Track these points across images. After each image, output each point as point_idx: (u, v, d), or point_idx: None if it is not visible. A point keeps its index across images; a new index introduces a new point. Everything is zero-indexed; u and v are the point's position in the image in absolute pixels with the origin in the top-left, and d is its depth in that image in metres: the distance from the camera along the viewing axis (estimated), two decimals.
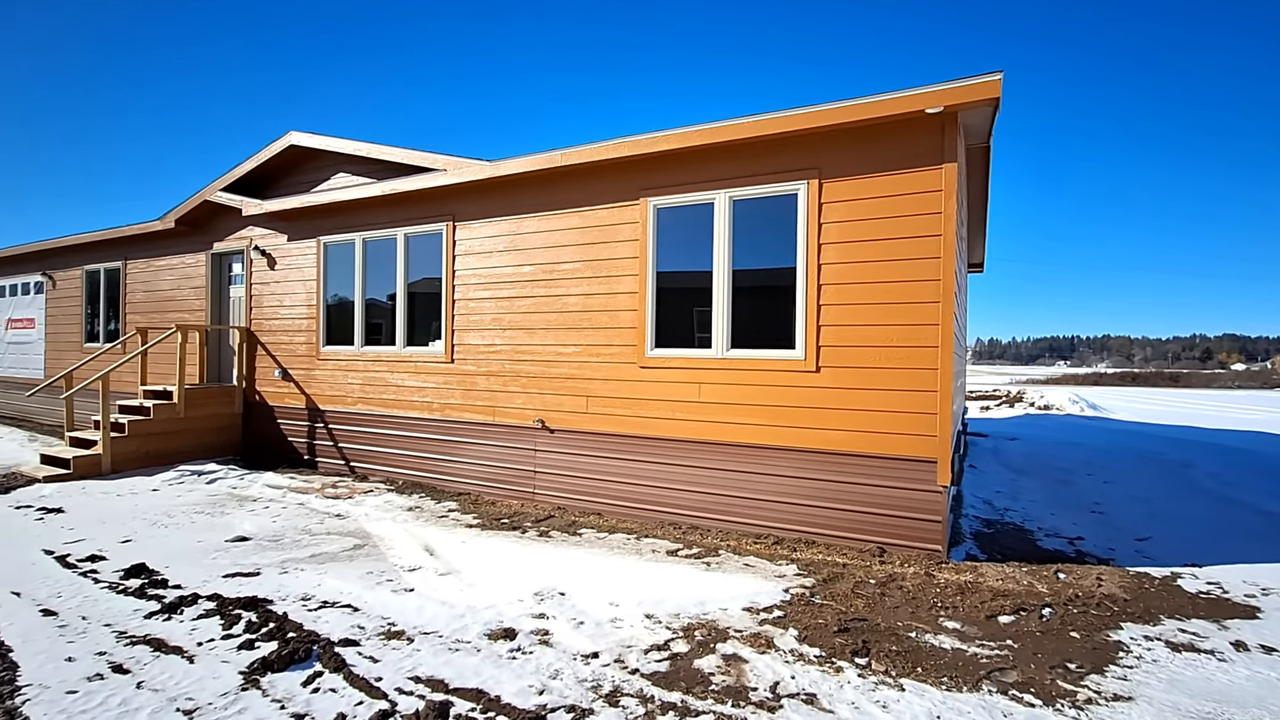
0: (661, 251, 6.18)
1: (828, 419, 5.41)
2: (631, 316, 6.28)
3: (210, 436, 8.96)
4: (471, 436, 7.28)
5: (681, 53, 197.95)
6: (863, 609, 4.17)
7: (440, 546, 5.29)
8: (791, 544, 5.40)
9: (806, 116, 5.33)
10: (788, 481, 5.58)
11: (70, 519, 6.08)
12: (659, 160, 6.11)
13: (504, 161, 6.72)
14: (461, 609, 3.98)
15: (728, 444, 5.82)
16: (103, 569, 4.72)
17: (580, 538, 5.62)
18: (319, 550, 5.18)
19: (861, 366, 5.29)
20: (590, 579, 4.51)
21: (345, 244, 8.32)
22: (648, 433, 6.19)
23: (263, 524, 5.93)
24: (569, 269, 6.65)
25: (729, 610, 4.08)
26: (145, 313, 10.67)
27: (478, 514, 6.39)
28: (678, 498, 6.04)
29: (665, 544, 5.45)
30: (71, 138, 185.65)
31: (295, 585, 4.40)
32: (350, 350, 8.27)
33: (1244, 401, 25.41)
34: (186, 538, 5.51)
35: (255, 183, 9.21)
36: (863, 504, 5.30)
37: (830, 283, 5.41)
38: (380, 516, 6.22)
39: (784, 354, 5.59)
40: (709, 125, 5.69)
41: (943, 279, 5.00)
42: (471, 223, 7.30)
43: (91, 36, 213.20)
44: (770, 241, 5.76)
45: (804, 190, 5.52)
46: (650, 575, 4.63)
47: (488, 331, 7.18)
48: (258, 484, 7.54)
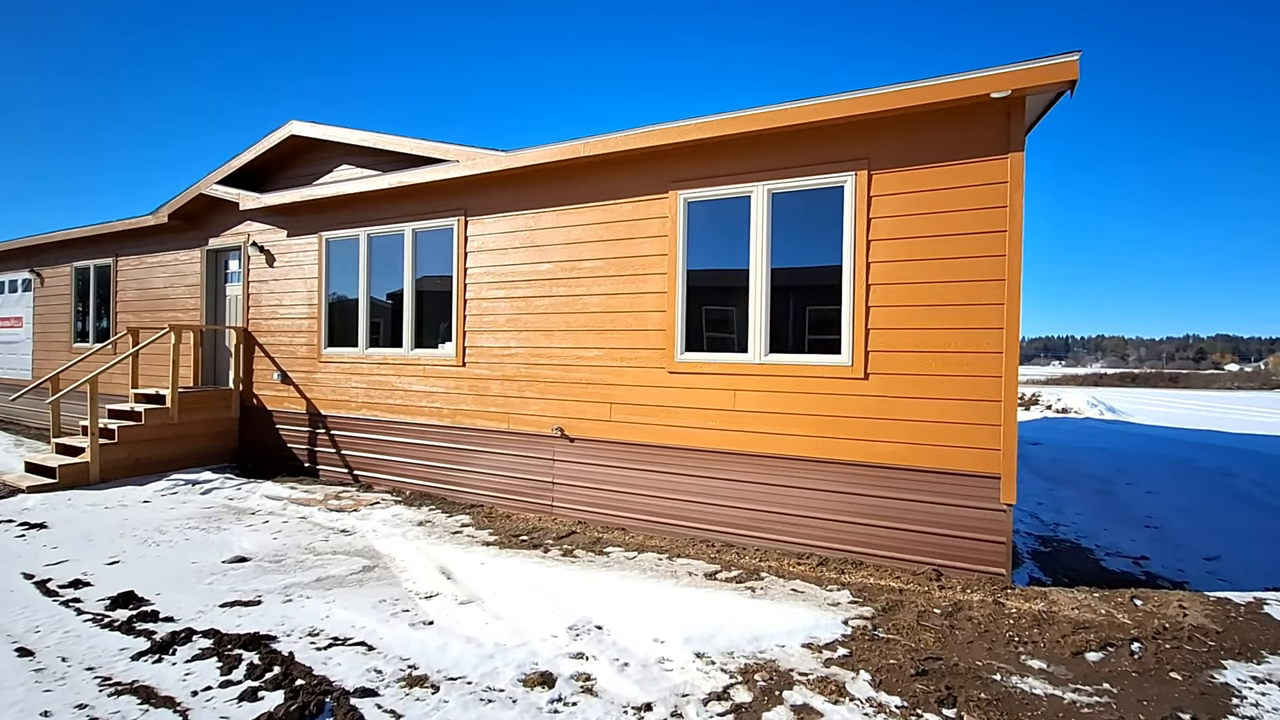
0: (693, 248, 5.75)
1: (877, 430, 5.00)
2: (659, 318, 5.85)
3: (205, 442, 8.49)
4: (484, 445, 6.84)
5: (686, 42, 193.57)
6: (934, 645, 3.75)
7: (457, 569, 4.86)
8: (838, 565, 4.98)
9: (855, 102, 4.91)
10: (832, 497, 5.16)
11: (54, 536, 5.62)
12: (691, 150, 5.68)
13: (521, 152, 6.28)
14: (490, 647, 3.55)
15: (766, 456, 5.40)
16: (87, 597, 4.26)
17: (608, 557, 5.19)
18: (325, 573, 4.74)
19: (915, 374, 4.88)
20: (627, 609, 4.08)
21: (349, 240, 7.87)
22: (677, 443, 5.76)
23: (263, 541, 5.48)
24: (591, 267, 6.22)
25: (787, 647, 3.66)
26: (137, 311, 10.19)
27: (494, 529, 5.95)
28: (710, 513, 5.61)
29: (701, 564, 5.03)
30: (58, 126, 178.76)
31: (301, 616, 3.96)
32: (354, 352, 7.82)
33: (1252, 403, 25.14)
34: (180, 558, 5.06)
35: (253, 176, 8.75)
36: (916, 522, 4.88)
37: (881, 283, 4.99)
38: (389, 533, 5.78)
39: (828, 360, 5.17)
40: (746, 112, 5.26)
41: (1008, 279, 4.59)
42: (485, 217, 6.86)
43: (87, 17, 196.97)
44: (813, 238, 5.34)
45: (851, 182, 5.09)
46: (692, 603, 4.21)
47: (502, 333, 6.74)
48: (256, 495, 7.09)
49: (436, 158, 6.90)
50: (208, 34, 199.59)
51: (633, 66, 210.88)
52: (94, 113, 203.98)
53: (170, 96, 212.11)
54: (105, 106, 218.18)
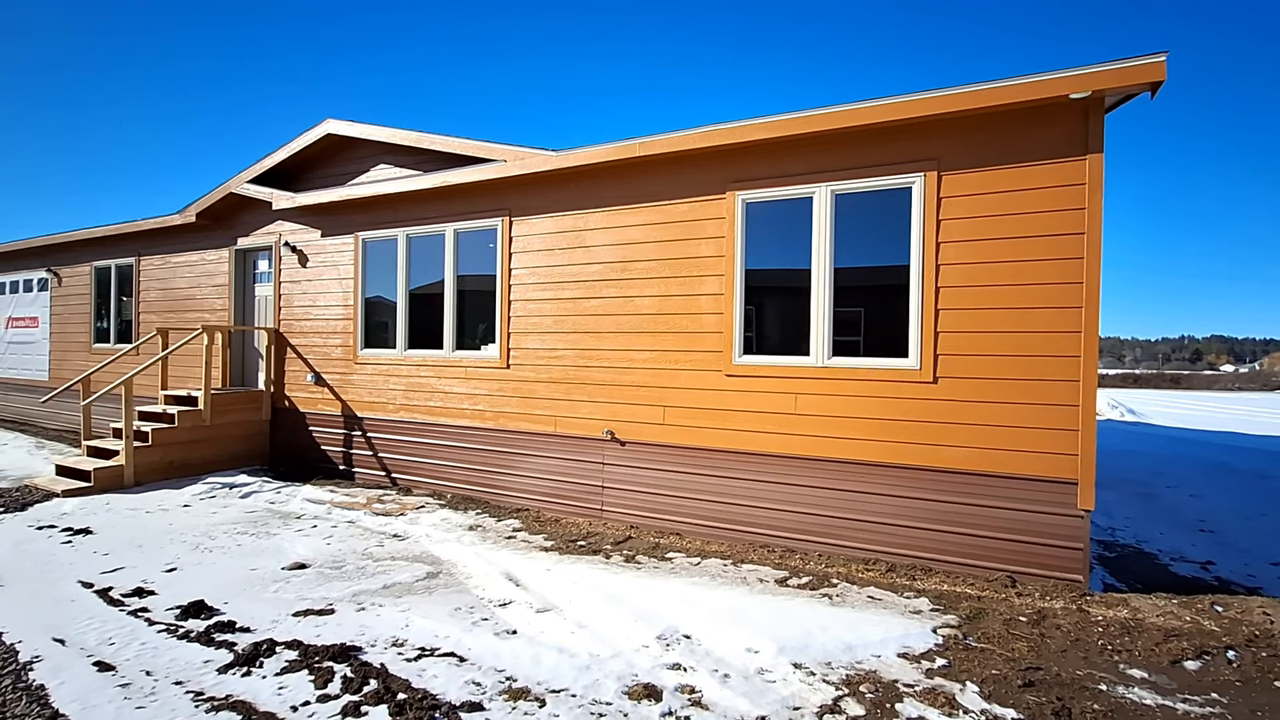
0: (751, 250, 5.68)
1: (946, 435, 4.94)
2: (715, 320, 5.78)
3: (236, 445, 8.38)
4: (530, 448, 6.75)
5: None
6: (1028, 654, 3.69)
7: (523, 575, 4.78)
8: (907, 571, 4.92)
9: (924, 103, 4.85)
10: (899, 502, 5.10)
11: (101, 541, 5.51)
12: (751, 150, 5.61)
13: (572, 151, 6.20)
14: (584, 658, 3.47)
15: (829, 460, 5.33)
16: (154, 606, 4.17)
17: (671, 563, 5.12)
18: (390, 580, 4.65)
19: (987, 378, 4.82)
20: (710, 617, 4.00)
21: (386, 240, 7.77)
22: (734, 446, 5.69)
23: (317, 547, 5.39)
24: (643, 268, 6.14)
25: (883, 657, 3.59)
26: (161, 312, 10.06)
27: (547, 534, 5.87)
28: (770, 518, 5.54)
29: (768, 570, 4.96)
30: (79, 125, 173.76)
31: (380, 626, 3.87)
32: (392, 354, 7.72)
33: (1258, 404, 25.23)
34: (237, 565, 4.96)
35: (284, 175, 8.64)
36: (987, 528, 4.82)
37: (951, 285, 4.93)
38: (443, 538, 5.69)
39: (895, 363, 5.11)
40: (811, 112, 5.20)
41: (1086, 282, 4.53)
42: (530, 218, 6.77)
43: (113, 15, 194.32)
44: (878, 240, 5.27)
45: (920, 184, 5.03)
46: (773, 611, 4.13)
47: (548, 335, 6.65)
48: (297, 498, 6.98)
49: (482, 157, 6.81)
50: (205, 33, 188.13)
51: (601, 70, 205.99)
52: (97, 114, 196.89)
53: (168, 95, 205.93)
54: (105, 109, 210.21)
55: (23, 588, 4.46)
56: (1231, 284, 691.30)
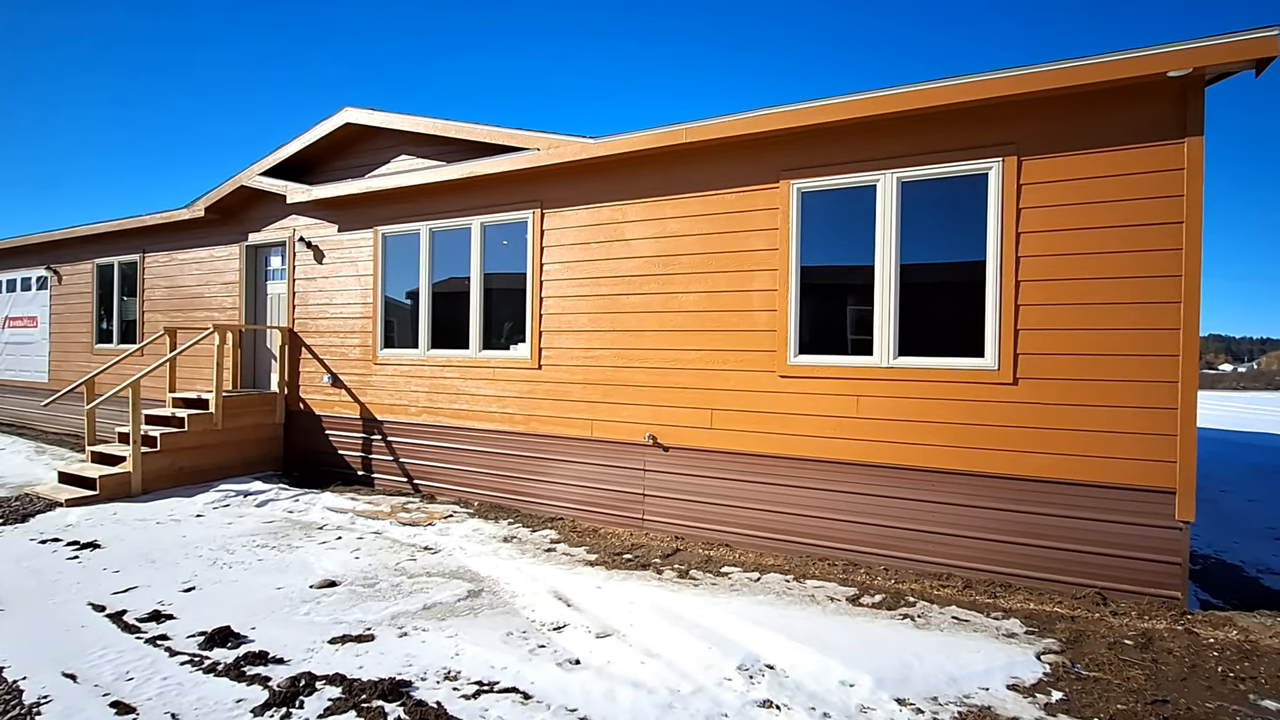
0: (807, 242, 5.31)
1: (1028, 440, 4.58)
2: (768, 318, 5.42)
3: (249, 450, 7.99)
4: (564, 454, 6.38)
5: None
6: (1146, 684, 3.33)
7: (572, 593, 4.40)
8: (986, 588, 4.56)
9: (1002, 83, 4.49)
10: (974, 513, 4.74)
11: (111, 557, 5.12)
12: (807, 136, 5.24)
13: (612, 139, 5.83)
14: (664, 695, 3.10)
15: (894, 467, 4.97)
16: (174, 632, 3.79)
17: (729, 579, 4.75)
18: (430, 599, 4.28)
19: (1073, 378, 4.46)
20: (788, 642, 3.63)
21: (408, 235, 7.39)
22: (789, 452, 5.33)
23: (345, 562, 5.01)
24: (687, 262, 5.77)
25: (992, 690, 3.23)
26: (166, 311, 9.66)
27: (589, 546, 5.50)
28: (830, 529, 5.18)
29: (834, 587, 4.59)
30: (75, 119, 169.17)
31: (427, 655, 3.49)
32: (414, 354, 7.34)
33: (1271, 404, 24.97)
34: (261, 583, 4.58)
35: (297, 168, 8.25)
36: (1073, 541, 4.47)
37: (1032, 279, 4.57)
38: (478, 550, 5.32)
39: (969, 363, 4.75)
40: (876, 94, 4.83)
41: (1186, 275, 4.18)
42: (564, 210, 6.40)
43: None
44: (949, 231, 4.92)
45: (997, 170, 4.67)
46: (856, 635, 3.77)
47: (584, 334, 6.28)
48: (316, 507, 6.60)
49: (513, 146, 6.43)
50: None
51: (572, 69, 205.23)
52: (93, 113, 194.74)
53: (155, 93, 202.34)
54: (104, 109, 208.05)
55: (26, 612, 4.08)
56: (1227, 283, 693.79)
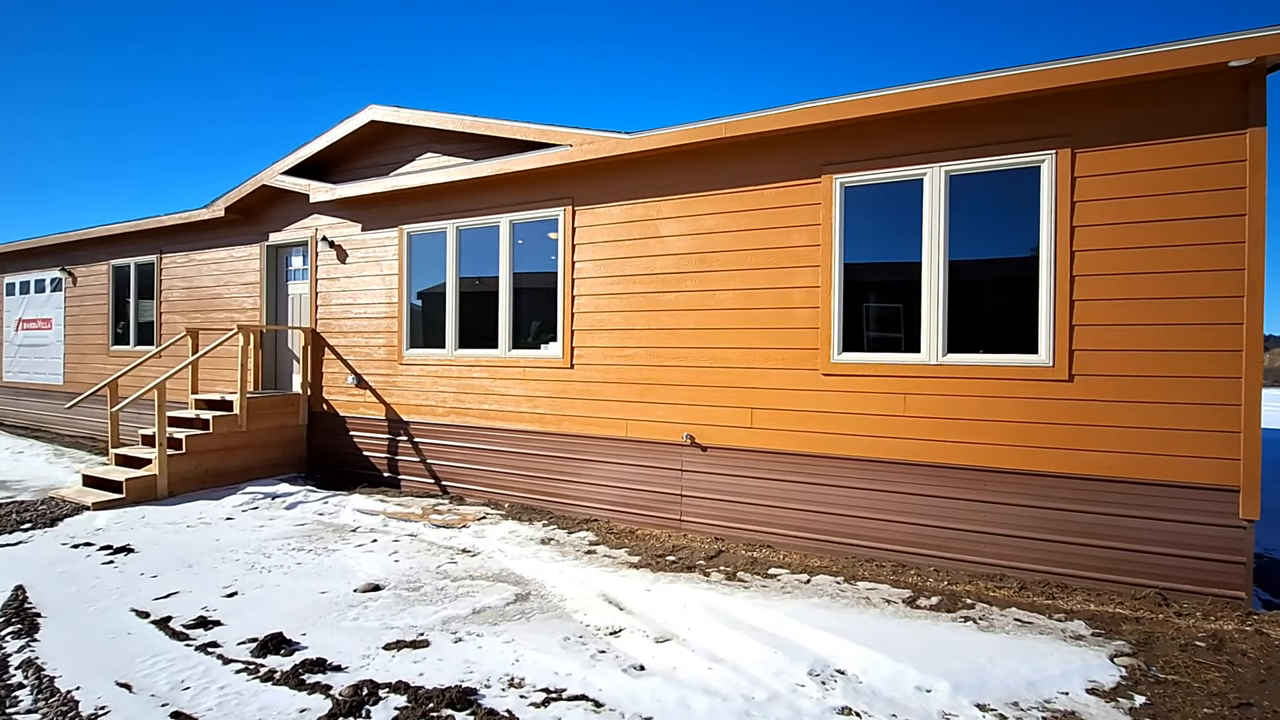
0: (850, 238, 5.23)
1: (1084, 438, 4.49)
2: (810, 315, 5.33)
3: (272, 452, 7.91)
4: (597, 454, 6.29)
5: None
6: (1226, 687, 3.25)
7: (622, 597, 4.32)
8: (1041, 589, 4.47)
9: (1055, 74, 4.41)
10: (1027, 513, 4.65)
11: (146, 561, 5.04)
12: (850, 129, 5.16)
13: (648, 134, 5.75)
14: (739, 702, 3.02)
15: (943, 466, 4.88)
16: (224, 639, 3.70)
17: (778, 581, 4.67)
18: (479, 603, 4.19)
19: (1131, 375, 4.37)
20: (855, 646, 3.55)
21: (434, 233, 7.30)
22: (833, 451, 5.24)
23: (385, 565, 4.93)
24: (725, 259, 5.68)
25: (1072, 694, 3.15)
26: (185, 312, 9.58)
27: (629, 548, 5.41)
28: (876, 529, 5.10)
29: (887, 589, 4.51)
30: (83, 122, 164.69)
31: (487, 661, 3.41)
32: (441, 354, 7.26)
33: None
34: (303, 587, 4.50)
35: (318, 167, 8.16)
36: (1133, 541, 4.38)
37: (1087, 274, 4.48)
38: (518, 553, 5.23)
39: (1022, 360, 4.66)
40: (923, 86, 4.75)
41: (1249, 268, 4.09)
42: (596, 207, 6.31)
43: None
44: (999, 225, 4.83)
45: (1049, 162, 4.59)
46: (922, 638, 3.69)
47: (618, 333, 6.19)
48: (347, 509, 6.51)
49: (544, 142, 6.34)
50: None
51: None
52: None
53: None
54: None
55: (70, 619, 3.99)
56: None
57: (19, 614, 4.01)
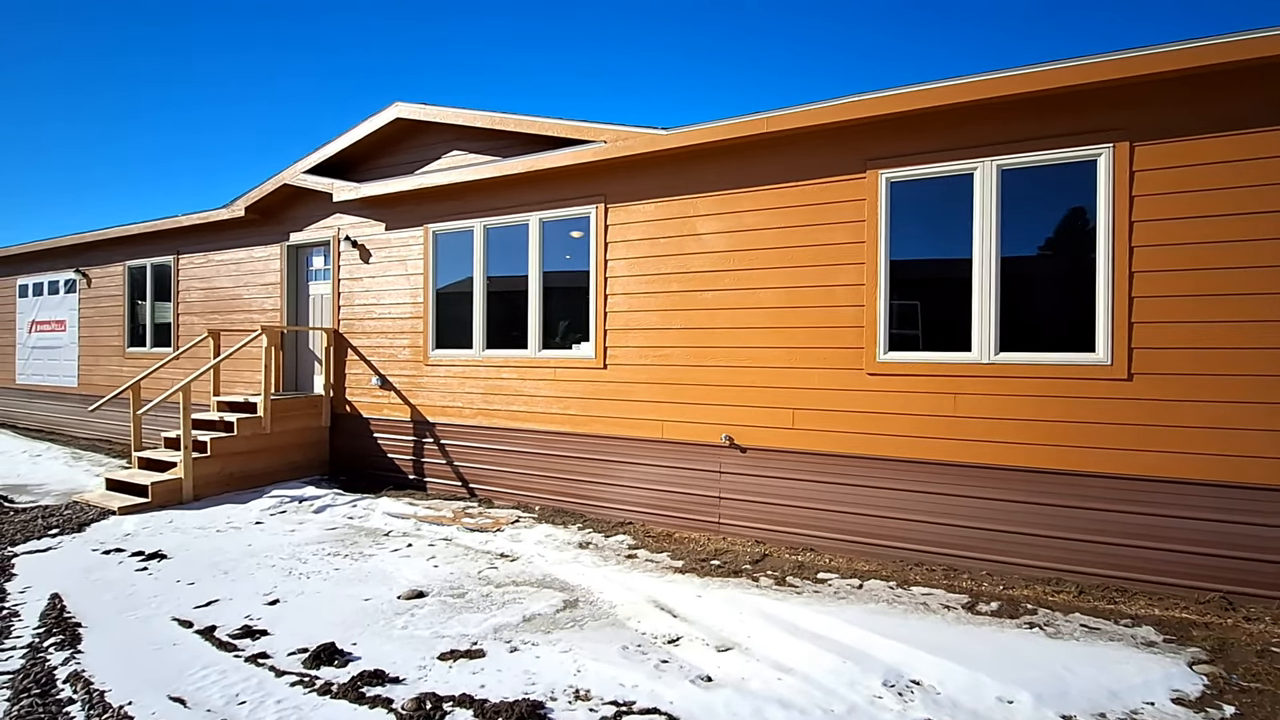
0: (896, 234, 5.12)
1: (1145, 438, 4.38)
2: (853, 313, 5.22)
3: (295, 454, 7.81)
4: (631, 456, 6.19)
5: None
6: None
7: (673, 603, 4.22)
8: (1100, 593, 4.36)
9: (1113, 65, 4.29)
10: (1084, 514, 4.54)
11: (181, 568, 4.94)
12: (896, 123, 5.04)
13: (684, 130, 5.63)
14: (817, 716, 2.91)
15: (995, 468, 4.77)
16: (273, 649, 3.60)
17: (830, 586, 4.56)
18: (528, 610, 4.09)
19: (1195, 374, 4.26)
20: (925, 654, 3.44)
21: (461, 232, 7.19)
22: (879, 453, 5.13)
23: (424, 570, 4.83)
24: (764, 257, 5.58)
25: (1158, 704, 3.04)
26: (202, 314, 9.48)
27: (671, 552, 5.31)
28: (924, 532, 4.99)
29: (943, 594, 4.40)
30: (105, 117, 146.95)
31: (547, 672, 3.31)
32: (468, 354, 7.15)
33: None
34: (345, 594, 4.40)
35: (340, 165, 8.05)
36: (1196, 544, 4.27)
37: (1147, 270, 4.37)
38: (557, 558, 5.13)
39: (1078, 358, 4.55)
40: (974, 79, 4.64)
41: None
42: (630, 204, 6.20)
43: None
44: (1053, 219, 4.73)
45: (1106, 156, 4.47)
46: (992, 646, 3.58)
47: (652, 332, 6.09)
48: (376, 512, 6.41)
49: (576, 138, 6.23)
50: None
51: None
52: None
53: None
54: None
55: (111, 629, 3.90)
56: None
57: (59, 624, 3.91)
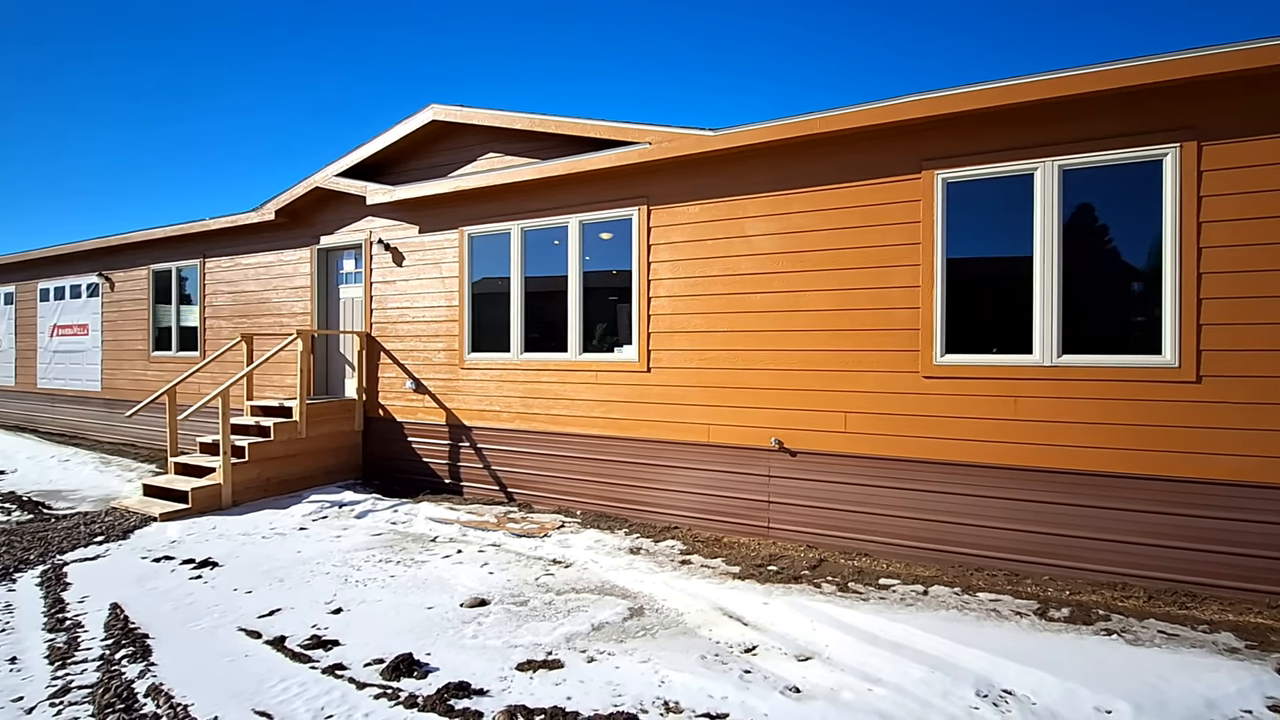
0: (953, 235, 5.07)
1: (1214, 441, 4.33)
2: (908, 316, 5.17)
3: (328, 459, 7.78)
4: (677, 460, 6.15)
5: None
6: None
7: (740, 610, 4.18)
8: (1170, 598, 4.32)
9: (1182, 64, 4.24)
10: (1152, 519, 4.49)
11: (234, 576, 4.91)
12: (953, 123, 4.99)
13: (732, 131, 5.59)
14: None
15: (1058, 472, 4.73)
16: (347, 660, 3.56)
17: (895, 592, 4.52)
18: (595, 619, 4.05)
19: (1265, 375, 4.21)
20: (1011, 663, 3.40)
21: (497, 235, 7.15)
22: (936, 456, 5.09)
23: (481, 577, 4.79)
24: (815, 259, 5.53)
25: (1256, 713, 3.01)
26: (230, 317, 9.44)
27: (725, 558, 5.27)
28: (984, 536, 4.94)
29: (1011, 600, 4.35)
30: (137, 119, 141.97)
31: (630, 683, 3.27)
32: (505, 358, 7.11)
33: None
34: (406, 602, 4.36)
35: (371, 168, 8.01)
36: (1264, 546, 4.22)
37: (1216, 271, 4.32)
38: (611, 563, 5.09)
39: (1144, 360, 4.50)
40: (1034, 79, 4.58)
41: None
42: (673, 206, 6.15)
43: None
44: (1117, 220, 4.68)
45: (1173, 156, 4.42)
46: (1075, 654, 3.53)
47: (698, 335, 6.04)
48: (418, 517, 6.37)
49: (618, 140, 6.18)
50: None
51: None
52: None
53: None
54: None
55: (180, 640, 3.86)
56: None
57: (126, 635, 3.88)
